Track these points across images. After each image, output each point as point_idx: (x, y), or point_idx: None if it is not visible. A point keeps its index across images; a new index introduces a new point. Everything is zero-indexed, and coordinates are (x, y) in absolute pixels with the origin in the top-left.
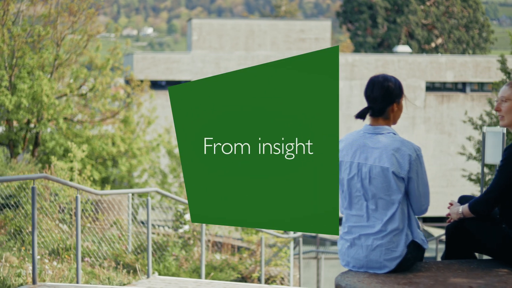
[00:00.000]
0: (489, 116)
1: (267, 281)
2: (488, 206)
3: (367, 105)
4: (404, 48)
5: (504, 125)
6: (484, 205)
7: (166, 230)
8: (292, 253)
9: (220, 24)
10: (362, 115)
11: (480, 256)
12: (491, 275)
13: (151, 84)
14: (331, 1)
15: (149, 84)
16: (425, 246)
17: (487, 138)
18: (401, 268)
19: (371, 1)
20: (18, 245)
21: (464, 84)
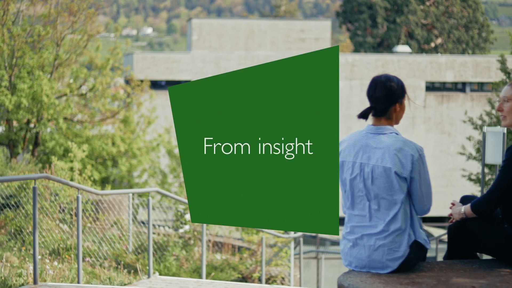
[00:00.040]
0: (489, 116)
1: (267, 281)
2: (490, 206)
3: (368, 105)
4: (404, 48)
5: (506, 125)
6: (486, 205)
7: (166, 230)
8: (293, 253)
9: (220, 24)
10: (364, 115)
11: (481, 256)
12: (493, 275)
13: (151, 84)
14: (330, 1)
15: (149, 84)
16: (428, 246)
17: (488, 138)
18: (404, 268)
19: (370, 1)
20: (19, 245)
21: (464, 84)
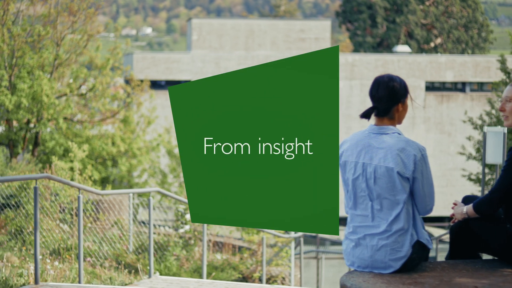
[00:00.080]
0: (488, 116)
1: (268, 281)
2: (493, 206)
3: (370, 105)
4: (404, 48)
5: (508, 125)
6: (489, 205)
7: (166, 230)
8: (293, 253)
9: (220, 24)
10: (367, 115)
11: (484, 256)
12: (496, 275)
13: (151, 84)
14: (330, 1)
15: (149, 84)
16: (430, 246)
17: (488, 138)
18: (406, 268)
19: (370, 1)
20: (19, 245)
21: (464, 84)
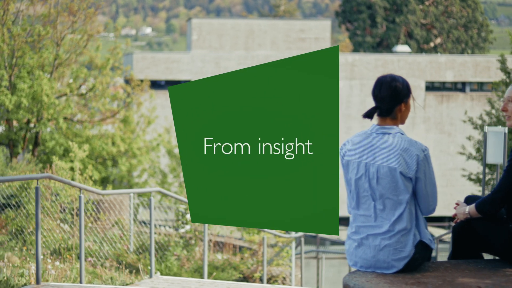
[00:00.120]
0: (488, 116)
1: (269, 281)
2: (495, 206)
3: (371, 104)
4: (404, 48)
5: (510, 125)
6: (491, 205)
7: (167, 230)
8: (294, 253)
9: (220, 24)
10: (369, 115)
11: (486, 256)
12: (498, 275)
13: (151, 84)
14: (329, 1)
15: (149, 84)
16: (432, 246)
17: (489, 138)
18: (409, 268)
19: (370, 0)
20: (20, 245)
21: (464, 84)
